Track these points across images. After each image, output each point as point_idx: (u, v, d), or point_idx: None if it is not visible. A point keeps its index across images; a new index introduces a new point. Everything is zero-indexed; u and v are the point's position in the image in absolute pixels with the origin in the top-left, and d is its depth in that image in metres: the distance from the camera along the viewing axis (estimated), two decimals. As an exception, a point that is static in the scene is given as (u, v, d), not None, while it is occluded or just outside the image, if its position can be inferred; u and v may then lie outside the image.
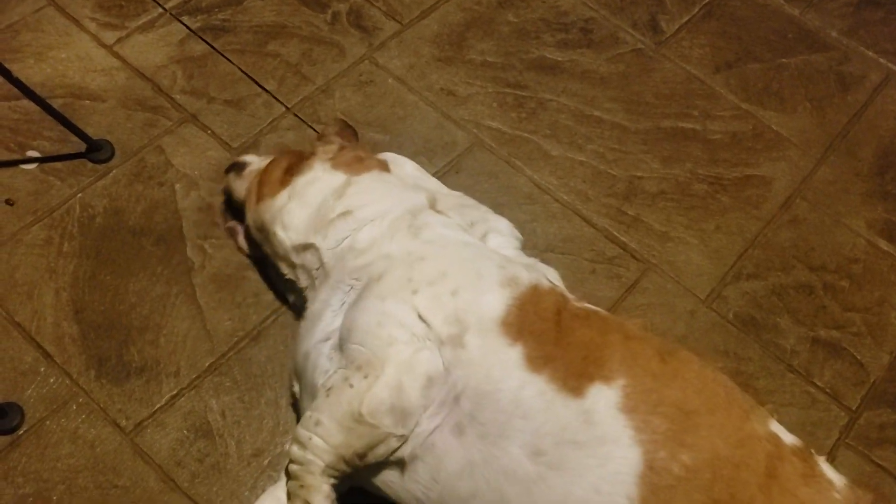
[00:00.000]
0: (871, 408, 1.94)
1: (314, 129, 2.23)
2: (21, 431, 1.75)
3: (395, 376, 1.48)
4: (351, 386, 1.49)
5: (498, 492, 1.44)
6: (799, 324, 2.05)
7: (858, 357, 2.01)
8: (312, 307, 1.70)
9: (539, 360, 1.48)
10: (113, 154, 2.15)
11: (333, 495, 1.53)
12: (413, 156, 2.20)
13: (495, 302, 1.54)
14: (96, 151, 2.14)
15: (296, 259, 1.78)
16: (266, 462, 1.76)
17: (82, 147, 2.13)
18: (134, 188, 2.10)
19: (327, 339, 1.63)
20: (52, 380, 1.82)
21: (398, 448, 1.49)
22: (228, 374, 1.86)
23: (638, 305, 2.04)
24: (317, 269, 1.74)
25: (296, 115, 2.26)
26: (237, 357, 1.88)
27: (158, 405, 1.81)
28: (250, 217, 1.88)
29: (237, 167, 1.99)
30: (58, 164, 2.13)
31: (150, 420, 1.79)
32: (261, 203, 1.85)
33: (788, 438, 1.52)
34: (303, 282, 1.78)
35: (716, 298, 2.07)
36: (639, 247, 2.14)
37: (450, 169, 2.22)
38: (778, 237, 2.18)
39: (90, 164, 2.13)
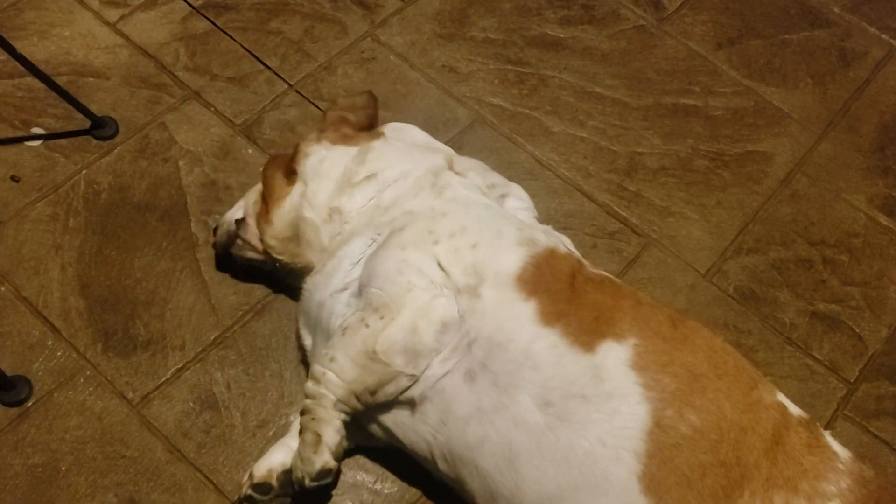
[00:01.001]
0: (869, 380, 1.96)
1: (317, 106, 2.24)
2: (29, 404, 1.78)
3: (410, 319, 1.51)
4: (367, 326, 1.53)
5: (506, 439, 1.47)
6: (798, 297, 2.06)
7: (857, 330, 2.02)
8: (329, 263, 1.71)
9: (552, 315, 1.51)
10: (117, 131, 2.17)
11: (344, 431, 1.57)
12: (415, 132, 2.22)
13: (513, 259, 1.57)
14: (100, 128, 2.15)
15: (324, 234, 1.77)
16: (271, 433, 1.78)
17: (86, 124, 2.14)
18: (138, 164, 2.12)
19: (345, 288, 1.65)
20: (59, 353, 1.84)
21: (408, 388, 1.52)
22: (233, 347, 1.88)
23: (639, 280, 2.06)
24: (340, 232, 1.75)
25: (298, 92, 2.27)
26: (242, 330, 1.91)
27: (164, 378, 1.83)
28: (272, 236, 1.82)
29: (233, 237, 1.87)
30: (62, 141, 2.14)
31: (156, 392, 1.81)
32: (277, 209, 1.80)
33: (795, 409, 1.55)
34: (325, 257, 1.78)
35: (716, 273, 2.08)
36: (640, 222, 2.15)
37: (452, 145, 2.21)
38: (778, 212, 2.20)
39: (94, 141, 2.15)
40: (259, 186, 1.91)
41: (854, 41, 2.53)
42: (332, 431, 1.55)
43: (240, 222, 1.87)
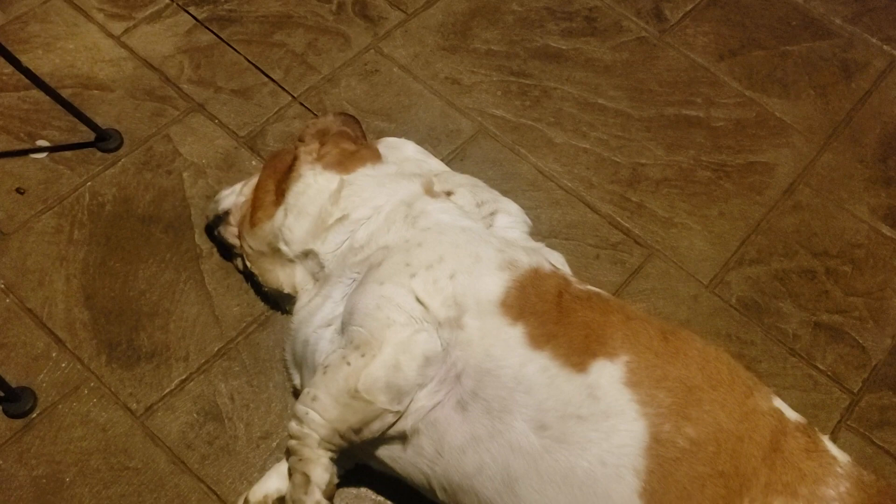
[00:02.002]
0: (872, 390, 1.96)
1: (320, 118, 2.26)
2: (34, 415, 1.78)
3: (392, 355, 1.51)
4: (348, 364, 1.53)
5: (503, 465, 1.47)
6: (801, 308, 2.06)
7: (860, 341, 2.02)
8: (313, 301, 1.73)
9: (541, 338, 1.51)
10: (121, 143, 2.18)
11: (333, 468, 1.57)
12: (418, 144, 2.23)
13: (493, 284, 1.56)
14: (105, 141, 2.16)
15: (299, 270, 1.80)
16: (275, 444, 1.78)
17: (91, 136, 2.16)
18: (142, 177, 2.13)
19: (329, 324, 1.66)
20: (63, 364, 1.85)
21: (394, 424, 1.52)
22: (237, 358, 1.89)
23: (641, 291, 2.06)
24: (318, 272, 1.77)
25: (302, 105, 2.29)
26: (245, 342, 1.91)
27: (168, 389, 1.84)
28: (248, 245, 1.86)
29: (219, 220, 1.94)
30: (67, 154, 2.15)
31: (160, 404, 1.82)
32: (257, 227, 1.83)
33: (792, 415, 1.55)
34: (306, 290, 1.80)
35: (719, 283, 2.09)
36: (642, 233, 2.15)
37: (455, 157, 2.24)
38: (781, 223, 2.20)
39: (99, 154, 2.16)
40: (253, 182, 1.92)
41: (856, 52, 2.54)
42: (320, 471, 1.55)
43: (223, 217, 1.92)
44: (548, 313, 1.54)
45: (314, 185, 1.80)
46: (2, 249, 1.99)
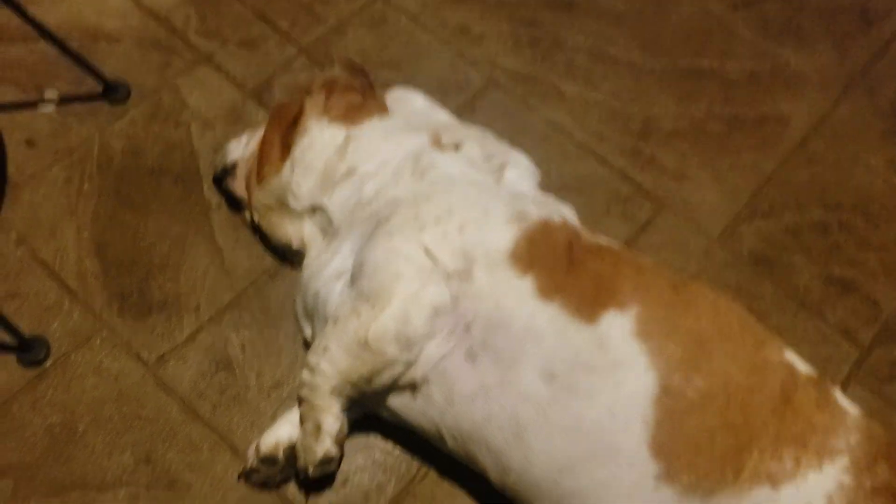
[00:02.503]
0: (882, 344, 1.95)
1: (329, 69, 2.24)
2: (47, 364, 1.81)
3: (401, 307, 1.51)
4: (358, 315, 1.53)
5: (512, 414, 1.48)
6: (813, 262, 2.05)
7: (872, 295, 2.01)
8: (322, 255, 1.73)
9: (550, 289, 1.50)
10: (129, 95, 2.17)
11: (343, 418, 1.59)
12: (426, 96, 2.21)
13: (503, 237, 1.55)
14: (113, 93, 2.16)
15: (307, 224, 1.81)
16: (285, 393, 1.80)
17: (99, 88, 2.15)
18: (151, 129, 2.12)
19: (338, 278, 1.66)
20: (75, 315, 1.86)
21: (403, 374, 1.53)
22: (247, 309, 1.90)
23: (651, 244, 2.05)
24: (327, 227, 1.77)
25: (308, 56, 2.26)
26: (256, 293, 1.92)
27: (180, 339, 1.85)
28: (256, 199, 1.86)
29: (225, 173, 1.95)
30: (75, 106, 2.15)
31: (171, 354, 1.83)
32: (264, 182, 1.83)
33: (803, 368, 1.55)
34: (315, 245, 1.81)
35: (729, 237, 2.07)
36: (653, 186, 2.14)
37: (464, 109, 2.22)
38: (794, 176, 2.18)
39: (107, 106, 2.15)
40: (259, 134, 1.90)
41: (877, 0, 2.48)
42: (331, 420, 1.56)
43: (230, 169, 1.92)
44: (557, 265, 1.54)
45: (320, 138, 1.78)
46: (13, 201, 2.00)
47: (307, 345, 1.79)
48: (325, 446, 1.57)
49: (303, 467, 1.61)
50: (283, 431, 1.68)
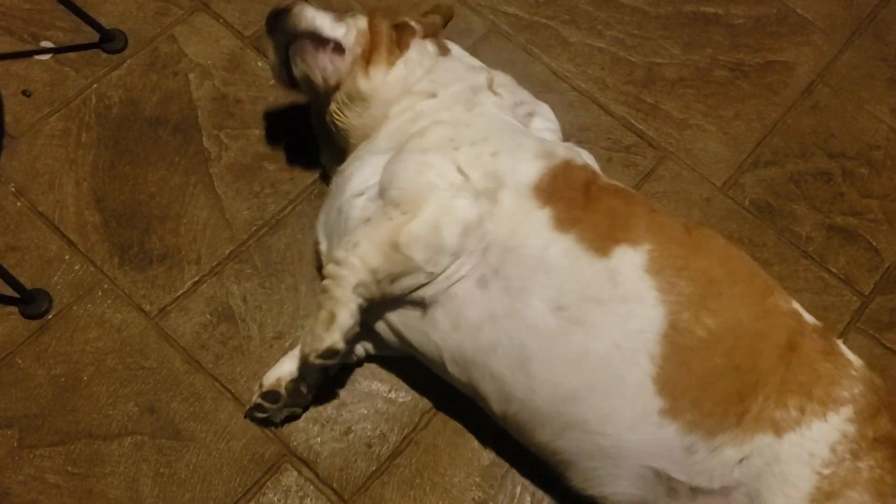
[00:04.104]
0: (883, 292, 1.95)
1: (327, 17, 2.20)
2: (50, 316, 1.81)
3: (432, 216, 1.52)
4: (390, 219, 1.53)
5: (518, 343, 1.49)
6: (815, 210, 2.04)
7: (874, 243, 2.01)
8: (350, 165, 1.71)
9: (567, 221, 1.52)
10: (126, 44, 2.14)
11: (357, 317, 1.56)
12: (428, 43, 2.18)
13: (530, 169, 1.58)
14: (109, 41, 2.12)
15: (365, 113, 1.75)
16: (287, 344, 1.81)
17: (95, 37, 2.12)
18: (148, 78, 2.10)
19: (361, 193, 1.65)
20: (77, 267, 1.86)
21: (424, 286, 1.54)
22: (248, 261, 1.90)
23: (654, 193, 2.04)
24: (372, 128, 1.74)
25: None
26: (257, 245, 1.92)
27: (181, 291, 1.85)
28: (354, 84, 1.73)
29: (337, 48, 1.74)
30: (72, 55, 2.12)
31: (173, 305, 1.84)
32: (377, 72, 1.73)
33: (809, 318, 1.56)
34: (353, 137, 1.78)
35: (732, 186, 2.06)
36: (656, 135, 2.12)
37: (465, 57, 2.18)
38: (798, 124, 2.15)
39: (104, 55, 2.12)
40: (362, 24, 1.78)
41: (884, -55, 2.43)
42: (346, 314, 1.54)
43: (339, 46, 1.73)
44: (575, 200, 1.56)
45: (426, 53, 1.79)
46: (11, 153, 1.98)
47: (319, 262, 1.79)
48: (333, 337, 1.53)
49: (304, 354, 1.58)
50: (285, 367, 1.69)
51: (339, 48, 1.74)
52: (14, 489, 1.65)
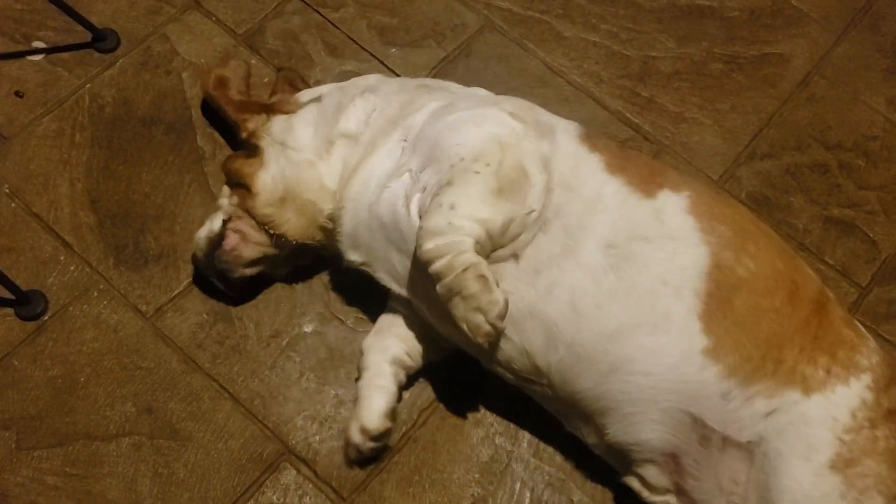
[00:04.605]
0: (881, 284, 1.95)
1: (320, 13, 2.19)
2: (46, 318, 1.81)
3: (514, 158, 1.53)
4: (477, 172, 1.50)
5: (571, 284, 1.50)
6: (812, 203, 2.04)
7: (871, 235, 2.00)
8: (360, 170, 1.66)
9: (615, 166, 1.58)
10: (118, 43, 2.13)
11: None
12: (421, 40, 2.18)
13: (568, 124, 1.66)
14: (102, 41, 2.11)
15: (327, 168, 1.72)
16: (284, 342, 1.80)
17: (87, 37, 2.11)
18: (141, 77, 2.09)
19: (392, 177, 1.60)
20: (72, 268, 1.86)
21: (525, 228, 1.52)
22: (244, 259, 1.89)
23: (650, 187, 2.04)
24: (354, 155, 1.70)
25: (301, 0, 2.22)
26: (252, 243, 1.91)
27: (177, 290, 1.85)
28: (261, 205, 1.72)
29: (225, 226, 1.75)
30: (64, 55, 2.11)
31: (169, 305, 1.83)
32: (257, 182, 1.72)
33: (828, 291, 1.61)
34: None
35: (729, 178, 2.06)
36: (652, 128, 2.11)
37: (460, 53, 2.18)
38: (794, 116, 2.15)
39: (96, 54, 2.11)
40: (225, 189, 1.81)
41: (879, -65, 2.42)
42: (486, 267, 1.45)
43: (226, 223, 1.74)
44: (615, 152, 1.63)
45: (294, 116, 1.79)
46: (4, 154, 1.98)
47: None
48: (499, 293, 1.45)
49: (486, 332, 1.46)
50: (380, 402, 1.63)
51: (224, 228, 1.74)
52: (12, 491, 1.65)
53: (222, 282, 1.77)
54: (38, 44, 2.12)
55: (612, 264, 1.49)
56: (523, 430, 1.74)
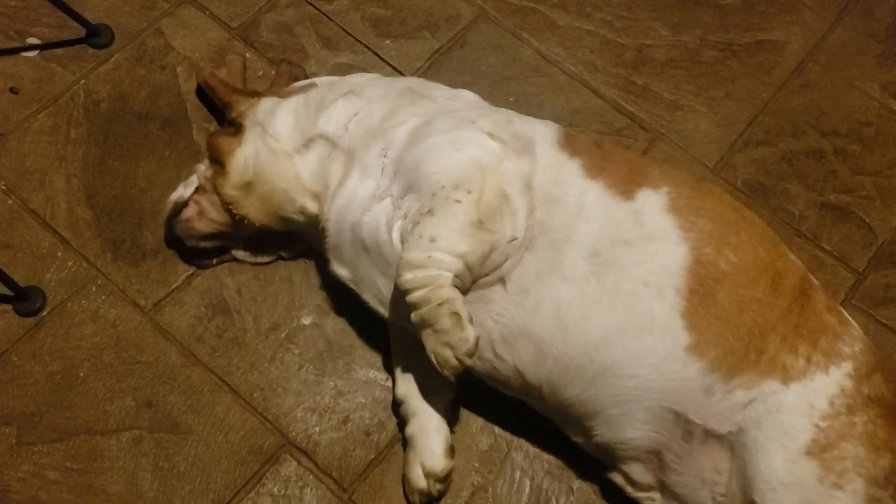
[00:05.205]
0: (877, 269, 1.96)
1: (313, 6, 2.19)
2: (44, 313, 1.81)
3: (495, 184, 1.52)
4: (458, 201, 1.50)
5: (557, 299, 1.51)
6: (808, 189, 2.04)
7: (867, 220, 2.01)
8: (343, 188, 1.65)
9: (594, 169, 1.58)
10: (113, 39, 2.13)
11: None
12: (415, 31, 2.18)
13: (546, 129, 1.65)
14: (96, 36, 2.11)
15: (305, 166, 1.72)
16: (283, 335, 1.81)
17: (82, 32, 2.10)
18: (136, 73, 2.09)
19: (375, 198, 1.60)
20: (70, 263, 1.86)
21: (506, 256, 1.52)
22: (241, 253, 1.89)
23: (646, 175, 2.04)
24: (333, 160, 1.69)
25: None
26: (249, 237, 1.91)
27: (175, 285, 1.85)
28: (229, 186, 1.74)
29: (182, 204, 1.79)
30: (59, 51, 2.11)
31: (167, 299, 1.84)
32: (231, 161, 1.74)
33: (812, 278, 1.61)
34: (331, 179, 1.70)
35: (724, 166, 2.06)
36: (647, 116, 2.11)
37: (454, 44, 2.18)
38: (789, 103, 2.15)
39: (91, 50, 2.11)
40: (206, 161, 1.82)
41: (872, -79, 2.42)
42: (464, 307, 1.46)
43: (194, 192, 1.78)
44: (593, 153, 1.62)
45: (279, 101, 1.79)
46: (0, 151, 1.97)
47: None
48: (470, 331, 1.46)
49: (454, 366, 1.47)
50: (438, 443, 1.63)
51: (196, 195, 1.78)
52: (14, 486, 1.65)
53: (179, 248, 1.83)
54: (32, 40, 2.12)
55: (595, 272, 1.50)
56: (523, 420, 1.74)
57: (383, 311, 1.65)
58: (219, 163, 1.77)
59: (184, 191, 1.81)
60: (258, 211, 1.75)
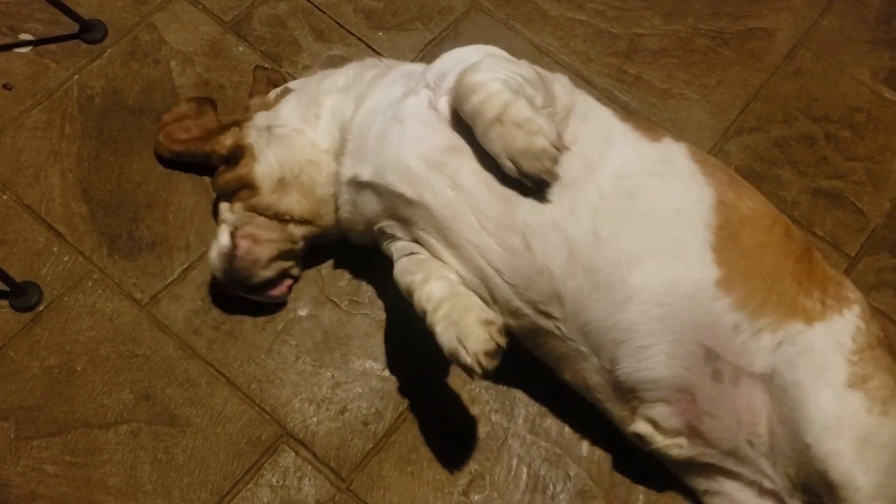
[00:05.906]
0: (870, 253, 1.97)
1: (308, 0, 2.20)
2: (41, 308, 1.81)
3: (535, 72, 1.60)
4: (504, 58, 1.62)
5: (590, 207, 1.52)
6: (801, 175, 2.05)
7: (859, 205, 2.02)
8: (365, 102, 1.67)
9: (622, 115, 1.66)
10: (106, 34, 2.13)
11: None
12: (408, 22, 2.19)
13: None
14: (89, 31, 2.11)
15: (322, 127, 1.74)
16: (280, 327, 1.82)
17: (74, 28, 2.11)
18: (130, 67, 2.09)
19: (409, 96, 1.60)
20: (66, 258, 1.86)
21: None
22: (237, 245, 1.90)
23: (639, 164, 2.05)
24: (339, 103, 1.73)
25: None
26: (244, 229, 1.91)
27: (171, 278, 1.86)
28: (265, 195, 1.72)
29: (234, 237, 1.74)
30: (52, 47, 2.11)
31: (164, 292, 1.84)
32: (252, 175, 1.73)
33: None
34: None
35: (717, 153, 2.07)
36: (640, 105, 2.12)
37: (447, 35, 2.18)
38: (781, 89, 2.16)
39: (84, 45, 2.11)
40: (223, 205, 1.79)
41: None
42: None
43: (233, 235, 1.73)
44: (618, 112, 1.68)
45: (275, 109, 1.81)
46: (-6, 147, 1.98)
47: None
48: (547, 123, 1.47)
49: (541, 149, 1.45)
50: (473, 318, 1.45)
51: (234, 238, 1.73)
52: (13, 480, 1.66)
53: (250, 292, 1.77)
54: (25, 36, 2.12)
55: (629, 191, 1.53)
56: (519, 407, 1.75)
57: (410, 191, 1.55)
58: (244, 188, 1.74)
59: (220, 241, 1.74)
60: (301, 201, 1.73)
